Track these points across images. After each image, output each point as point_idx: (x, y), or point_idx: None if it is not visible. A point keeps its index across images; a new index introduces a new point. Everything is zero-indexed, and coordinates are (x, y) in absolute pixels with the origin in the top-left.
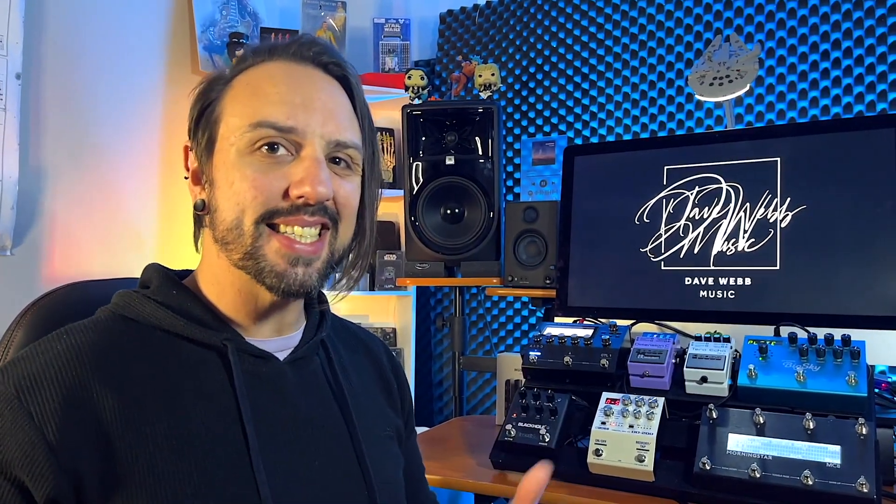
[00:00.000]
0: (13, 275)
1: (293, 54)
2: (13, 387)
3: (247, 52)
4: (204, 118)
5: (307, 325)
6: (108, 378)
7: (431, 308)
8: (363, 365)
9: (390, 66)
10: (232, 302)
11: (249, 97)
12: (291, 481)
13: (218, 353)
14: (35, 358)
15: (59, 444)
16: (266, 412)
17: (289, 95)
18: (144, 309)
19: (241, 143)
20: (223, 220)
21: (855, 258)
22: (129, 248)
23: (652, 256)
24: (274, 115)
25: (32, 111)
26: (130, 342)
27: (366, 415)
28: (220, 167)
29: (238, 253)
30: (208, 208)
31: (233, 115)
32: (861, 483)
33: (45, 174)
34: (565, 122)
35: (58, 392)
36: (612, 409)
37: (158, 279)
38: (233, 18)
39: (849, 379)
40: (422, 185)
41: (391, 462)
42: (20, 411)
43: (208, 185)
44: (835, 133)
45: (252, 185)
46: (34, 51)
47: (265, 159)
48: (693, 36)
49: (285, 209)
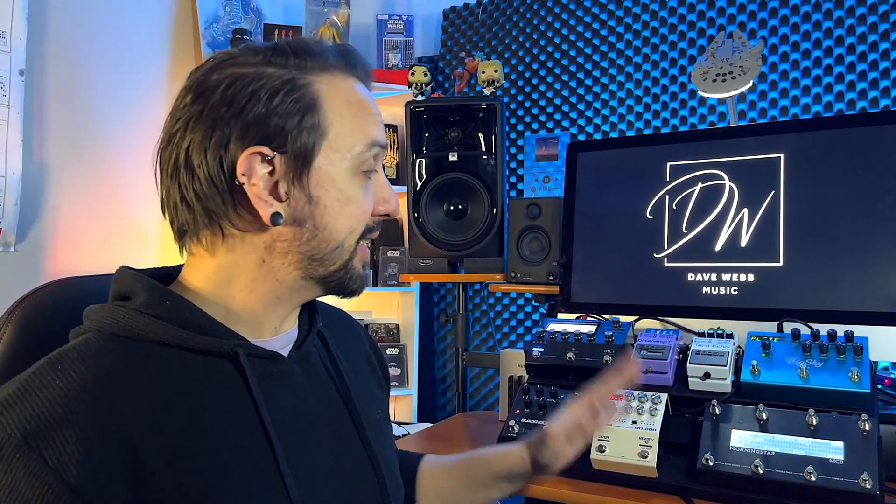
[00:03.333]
0: (17, 271)
1: (363, 73)
2: (19, 432)
3: (311, 48)
4: (299, 124)
5: (300, 318)
6: (123, 407)
7: (435, 304)
8: (350, 346)
9: (394, 63)
10: (262, 307)
11: (358, 115)
12: (313, 479)
13: (228, 359)
14: (34, 397)
15: (82, 486)
16: (282, 414)
17: (378, 116)
18: (139, 325)
19: (356, 161)
20: (331, 238)
21: (858, 254)
22: (133, 245)
23: (655, 253)
24: (381, 135)
25: (36, 107)
26: (135, 363)
27: (363, 400)
28: (328, 184)
29: (334, 266)
30: (300, 223)
31: (342, 132)
32: (864, 479)
33: (48, 170)
34: (568, 118)
35: (71, 432)
36: (616, 405)
37: (144, 290)
38: (236, 15)
39: (852, 375)
40: (425, 181)
41: (388, 443)
42: (32, 458)
43: (302, 201)
44: (838, 129)
45: (363, 208)
46: (37, 47)
47: (366, 180)
48: (696, 32)
49: (372, 228)
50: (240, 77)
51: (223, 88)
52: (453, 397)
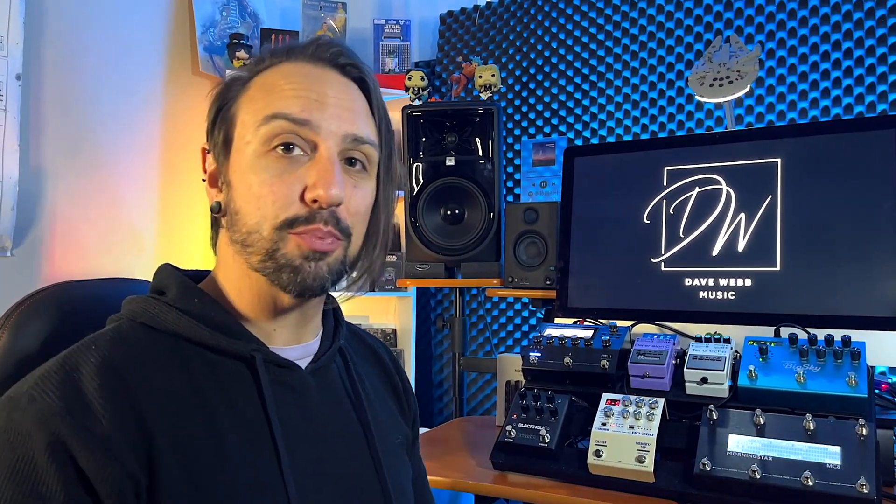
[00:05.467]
0: (13, 276)
1: (311, 55)
2: (60, 403)
3: (264, 52)
4: (220, 118)
5: (324, 333)
6: (143, 389)
7: (432, 309)
8: (374, 371)
9: (390, 67)
10: (251, 305)
11: (264, 94)
12: (318, 493)
13: (245, 363)
14: (70, 372)
15: (123, 457)
16: (293, 423)
17: (304, 92)
18: (167, 318)
19: (257, 140)
20: (244, 223)
21: (856, 259)
22: (130, 249)
23: (652, 257)
24: (288, 107)
25: (33, 112)
26: (159, 353)
27: (380, 423)
28: (237, 168)
29: (257, 256)
30: (225, 210)
31: (248, 112)
32: (861, 484)
33: (45, 175)
34: (565, 122)
35: (105, 407)
36: (613, 409)
37: (177, 286)
38: (233, 19)
39: (849, 380)
40: (422, 186)
41: (404, 471)
42: (77, 427)
43: (225, 187)
44: (835, 134)
45: (270, 189)
46: (34, 52)
47: (281, 160)
48: (693, 37)
49: (303, 217)
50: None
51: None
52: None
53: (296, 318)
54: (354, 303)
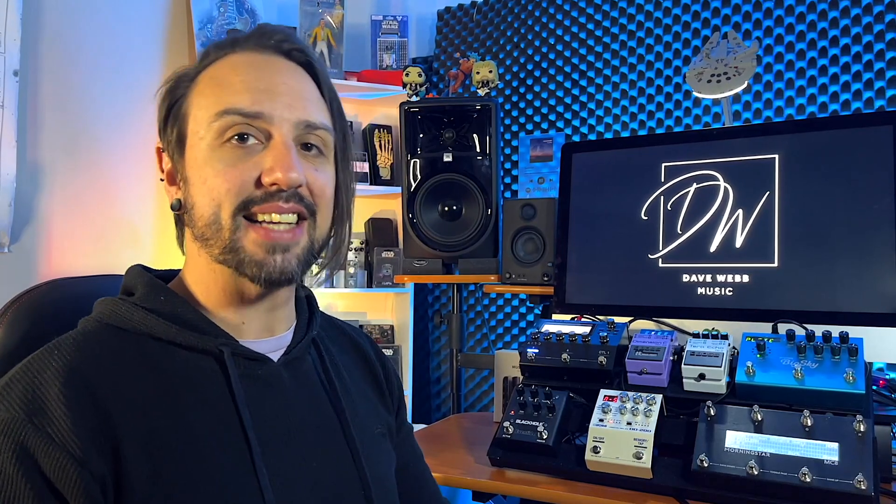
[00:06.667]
0: (10, 271)
1: (255, 44)
2: (22, 411)
3: (209, 47)
4: (171, 116)
5: (297, 325)
6: (110, 392)
7: (429, 305)
8: (353, 362)
9: (388, 64)
10: (218, 300)
11: (214, 89)
12: (292, 484)
13: (214, 358)
14: (32, 378)
15: (86, 457)
16: (265, 416)
17: (253, 83)
18: (133, 317)
19: (210, 135)
20: (200, 216)
21: (853, 255)
22: (126, 246)
23: (650, 253)
24: (239, 101)
25: (30, 108)
26: (125, 353)
27: (358, 413)
28: (192, 164)
29: (217, 248)
30: (185, 207)
31: (199, 108)
32: (859, 480)
33: (42, 171)
34: (563, 118)
35: (66, 410)
36: (610, 406)
37: (144, 286)
38: (230, 15)
39: (846, 376)
40: (420, 182)
41: (384, 459)
42: (39, 434)
43: (183, 184)
44: (832, 130)
45: (224, 178)
46: (32, 48)
47: (235, 151)
48: (691, 33)
49: (259, 197)
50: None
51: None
52: (448, 398)
53: (265, 308)
54: (352, 299)
